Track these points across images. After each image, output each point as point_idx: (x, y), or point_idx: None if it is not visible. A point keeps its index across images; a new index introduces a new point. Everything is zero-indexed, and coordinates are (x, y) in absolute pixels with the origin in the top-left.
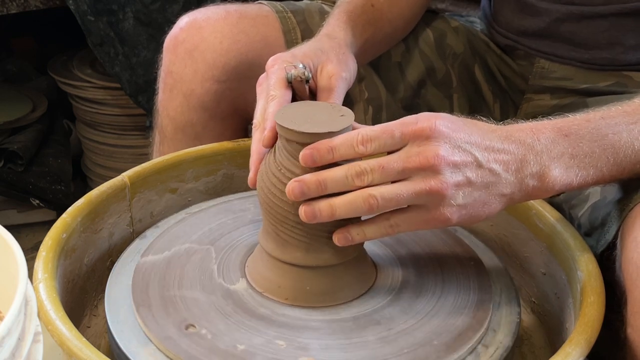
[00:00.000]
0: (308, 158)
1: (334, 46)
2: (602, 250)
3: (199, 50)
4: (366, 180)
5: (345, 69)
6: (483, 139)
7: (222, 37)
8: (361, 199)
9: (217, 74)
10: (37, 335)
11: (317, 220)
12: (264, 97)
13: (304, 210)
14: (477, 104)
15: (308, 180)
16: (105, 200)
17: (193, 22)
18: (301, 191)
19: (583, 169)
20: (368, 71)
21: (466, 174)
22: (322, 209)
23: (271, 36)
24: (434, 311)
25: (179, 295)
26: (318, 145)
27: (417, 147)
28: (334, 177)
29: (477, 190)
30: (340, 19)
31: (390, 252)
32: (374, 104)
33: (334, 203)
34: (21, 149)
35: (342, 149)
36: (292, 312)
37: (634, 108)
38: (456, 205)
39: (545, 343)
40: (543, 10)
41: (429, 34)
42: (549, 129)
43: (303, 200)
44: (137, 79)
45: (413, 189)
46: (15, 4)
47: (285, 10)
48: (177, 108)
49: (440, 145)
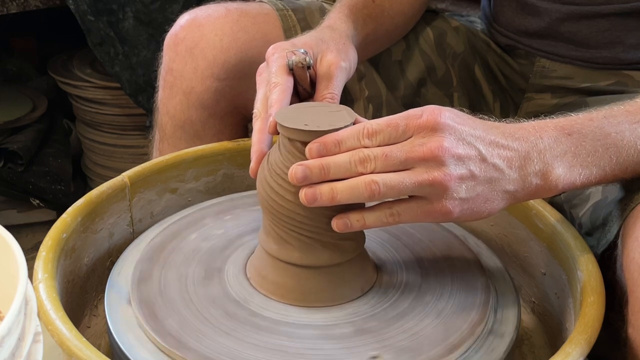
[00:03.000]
0: (314, 151)
1: (335, 37)
2: (603, 250)
3: (199, 47)
4: (369, 167)
5: (345, 58)
6: (487, 133)
7: (223, 35)
8: (363, 184)
9: (217, 71)
10: (37, 335)
11: (317, 204)
12: (265, 86)
13: (304, 192)
14: (478, 103)
15: (311, 164)
16: (105, 200)
17: (193, 20)
18: (304, 174)
19: (586, 167)
20: (368, 69)
21: (470, 167)
22: (322, 192)
23: (271, 34)
24: (434, 312)
25: (179, 295)
26: (324, 138)
27: (421, 139)
28: (337, 162)
29: (480, 185)
30: (341, 12)
31: (391, 253)
32: (374, 102)
33: (335, 187)
34: (21, 149)
35: (349, 142)
36: (291, 312)
37: (636, 107)
38: (458, 199)
39: (545, 343)
40: (543, 10)
41: (429, 33)
42: (552, 127)
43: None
44: (137, 79)
45: (416, 179)
46: (15, 3)
47: (285, 8)
48: (176, 106)
49: (445, 137)
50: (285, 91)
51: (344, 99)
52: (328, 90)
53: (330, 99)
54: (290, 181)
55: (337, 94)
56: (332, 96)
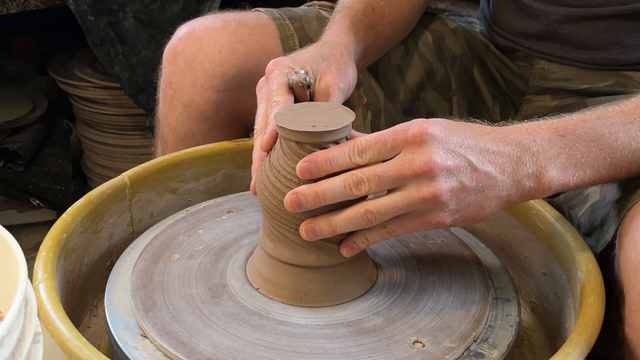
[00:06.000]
0: (305, 171)
1: (336, 55)
2: (602, 250)
3: (198, 60)
4: (364, 189)
5: (343, 79)
6: (477, 141)
7: (221, 47)
8: (359, 215)
9: (216, 83)
10: (37, 335)
11: (318, 238)
12: (265, 102)
13: (304, 229)
14: (477, 106)
15: (306, 192)
16: (105, 200)
17: (191, 33)
18: (299, 204)
19: (580, 169)
20: (366, 76)
21: (460, 179)
22: (322, 228)
23: (269, 44)
24: (434, 311)
25: (179, 295)
26: (315, 157)
27: (410, 154)
28: (331, 188)
29: (471, 195)
30: (342, 25)
31: (391, 252)
32: (373, 109)
33: (334, 220)
34: (21, 149)
35: (340, 160)
36: (292, 313)
37: (630, 108)
38: (449, 210)
39: (545, 343)
40: (542, 12)
41: (427, 36)
42: (545, 129)
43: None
44: (137, 79)
45: (408, 199)
46: (15, 3)
47: (282, 17)
48: (177, 119)
49: (433, 151)
50: None
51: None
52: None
53: None
54: (286, 208)
55: None
56: None
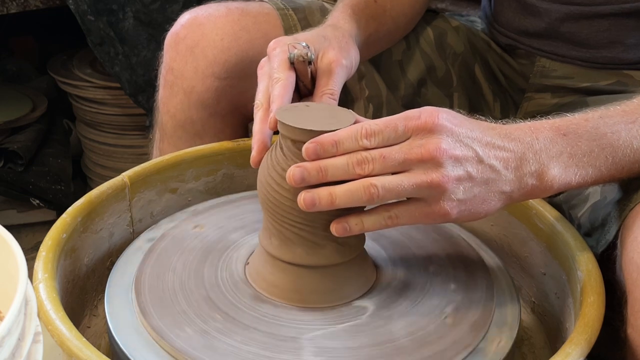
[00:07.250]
0: (311, 151)
1: (338, 35)
2: (603, 251)
3: (200, 47)
4: (367, 169)
5: (346, 56)
6: (484, 135)
7: (223, 34)
8: (362, 187)
9: (217, 71)
10: (37, 335)
11: (316, 209)
12: (267, 79)
13: (303, 197)
14: (478, 103)
15: (309, 166)
16: (105, 200)
17: (194, 19)
18: (301, 176)
19: (582, 168)
20: (369, 69)
21: (467, 169)
22: (321, 197)
23: (272, 33)
24: (434, 312)
25: (179, 295)
26: (322, 138)
27: (419, 140)
28: (335, 164)
29: (477, 186)
30: (344, 12)
31: (391, 253)
32: (375, 102)
33: (334, 191)
34: (21, 149)
35: (347, 143)
36: (292, 312)
37: (632, 107)
38: (456, 200)
39: (545, 343)
40: (543, 11)
41: (429, 33)
42: (548, 128)
43: (303, 189)
44: (137, 79)
45: (414, 181)
46: (15, 3)
47: (286, 8)
48: (177, 105)
49: (442, 139)
50: (287, 87)
51: (344, 98)
52: (328, 87)
53: (329, 95)
54: (288, 183)
55: (336, 90)
56: (331, 92)
